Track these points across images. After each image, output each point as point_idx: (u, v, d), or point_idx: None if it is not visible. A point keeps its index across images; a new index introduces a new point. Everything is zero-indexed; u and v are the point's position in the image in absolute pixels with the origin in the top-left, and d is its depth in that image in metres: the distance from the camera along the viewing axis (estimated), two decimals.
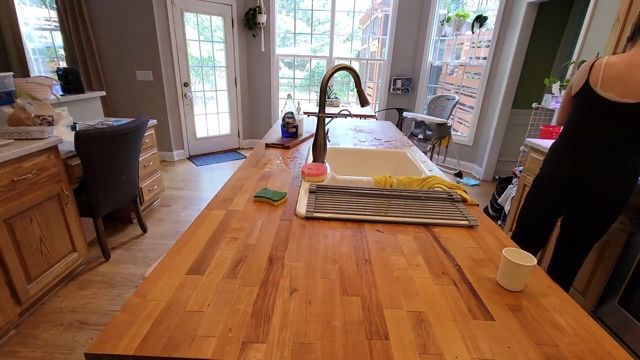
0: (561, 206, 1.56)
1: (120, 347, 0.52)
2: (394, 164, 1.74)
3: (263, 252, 0.79)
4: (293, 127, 1.87)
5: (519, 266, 0.68)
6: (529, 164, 2.31)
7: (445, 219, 0.99)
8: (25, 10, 3.65)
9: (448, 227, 0.97)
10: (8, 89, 2.02)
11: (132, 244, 2.45)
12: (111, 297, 1.91)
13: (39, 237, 1.72)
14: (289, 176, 1.32)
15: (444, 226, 0.97)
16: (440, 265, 0.78)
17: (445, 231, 0.94)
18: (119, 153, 2.10)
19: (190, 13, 4.08)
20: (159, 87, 4.05)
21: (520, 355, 0.55)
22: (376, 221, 0.97)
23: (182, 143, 4.48)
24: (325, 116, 1.29)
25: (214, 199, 1.08)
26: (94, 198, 2.04)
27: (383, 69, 4.80)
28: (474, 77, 4.29)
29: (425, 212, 1.02)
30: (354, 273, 0.73)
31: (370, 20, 7.14)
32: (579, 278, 1.84)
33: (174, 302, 0.62)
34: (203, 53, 4.37)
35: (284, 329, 0.57)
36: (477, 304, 0.66)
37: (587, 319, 0.64)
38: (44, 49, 3.93)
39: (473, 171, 4.36)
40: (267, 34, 4.55)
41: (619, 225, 1.62)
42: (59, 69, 2.61)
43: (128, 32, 3.82)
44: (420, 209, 1.04)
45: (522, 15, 3.37)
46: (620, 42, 1.92)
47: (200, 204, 3.17)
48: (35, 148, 1.64)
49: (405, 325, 0.60)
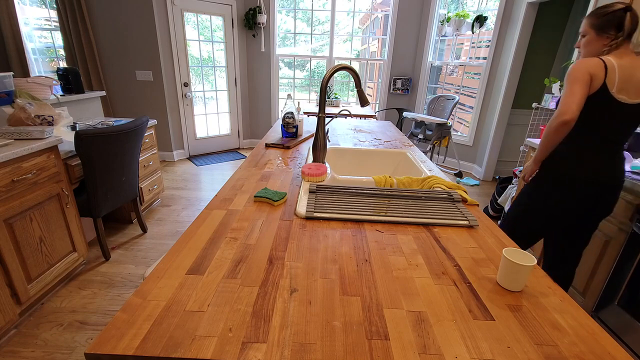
0: (575, 212, 1.45)
1: (120, 347, 0.52)
2: (394, 164, 1.74)
3: (263, 252, 0.79)
4: (293, 127, 1.87)
5: (519, 266, 0.68)
6: None
7: (445, 219, 0.98)
8: (25, 10, 3.66)
9: (448, 227, 0.97)
10: (8, 89, 2.02)
11: (132, 244, 2.45)
12: (111, 297, 1.91)
13: (39, 237, 1.72)
14: (289, 176, 1.32)
15: (444, 226, 0.97)
16: (440, 265, 0.78)
17: (445, 231, 0.94)
18: (119, 153, 2.10)
19: (190, 13, 4.08)
20: (159, 87, 4.05)
21: (520, 355, 0.55)
22: (376, 221, 0.97)
23: (182, 143, 4.48)
24: (325, 116, 1.29)
25: (214, 199, 1.08)
26: (94, 198, 2.04)
27: (383, 69, 4.80)
28: (474, 77, 4.29)
29: (425, 212, 1.02)
30: (354, 273, 0.73)
31: (370, 20, 7.14)
32: (579, 278, 1.84)
33: (174, 302, 0.62)
34: (203, 53, 4.37)
35: (284, 329, 0.57)
36: (477, 304, 0.66)
37: (587, 319, 0.64)
38: (44, 49, 3.93)
39: (473, 171, 4.36)
40: (267, 34, 4.55)
41: (619, 225, 1.62)
42: (59, 69, 2.61)
43: (128, 32, 3.82)
44: (420, 209, 1.04)
45: (522, 15, 3.37)
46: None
47: (200, 204, 3.17)
48: (35, 148, 1.64)
49: (405, 325, 0.60)
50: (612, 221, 1.66)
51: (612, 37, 1.29)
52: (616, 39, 1.28)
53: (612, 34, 1.29)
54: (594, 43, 1.34)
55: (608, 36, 1.30)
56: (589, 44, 1.35)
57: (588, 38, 1.35)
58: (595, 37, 1.32)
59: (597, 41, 1.33)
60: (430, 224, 0.97)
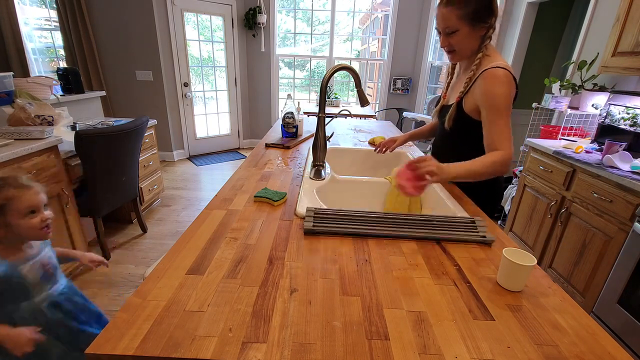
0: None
1: (120, 347, 0.52)
2: (394, 164, 1.74)
3: (263, 252, 0.79)
4: (293, 127, 1.87)
5: (519, 266, 0.68)
6: (529, 164, 2.31)
7: (458, 235, 0.88)
8: (25, 10, 3.66)
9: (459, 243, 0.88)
10: (8, 89, 2.02)
11: (132, 244, 2.45)
12: (111, 297, 1.91)
13: None
14: (289, 176, 1.32)
15: (456, 242, 0.88)
16: (440, 265, 0.78)
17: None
18: (119, 153, 2.10)
19: (190, 13, 4.08)
20: (159, 87, 4.05)
21: (520, 355, 0.55)
22: (382, 237, 0.89)
23: (182, 143, 4.48)
24: (325, 116, 1.29)
25: (214, 199, 1.08)
26: (94, 198, 2.04)
27: (383, 69, 4.79)
28: None
29: (436, 230, 0.90)
30: (354, 273, 0.73)
31: (370, 20, 7.14)
32: (579, 278, 1.84)
33: (174, 302, 0.62)
34: (203, 53, 4.37)
35: (284, 329, 0.57)
36: (477, 304, 0.66)
37: (587, 319, 0.64)
38: (44, 49, 3.93)
39: None
40: (267, 34, 4.54)
41: (619, 225, 1.62)
42: (59, 69, 2.61)
43: (128, 32, 3.81)
44: (431, 228, 0.91)
45: (522, 15, 3.37)
46: (621, 42, 1.92)
47: (200, 204, 3.17)
48: (35, 148, 1.64)
49: (405, 325, 0.59)
50: (612, 221, 1.66)
51: (487, 27, 1.06)
52: (491, 28, 1.06)
53: (487, 23, 1.05)
54: (470, 39, 1.07)
55: (482, 27, 1.06)
56: (464, 41, 1.08)
57: (462, 33, 1.06)
58: (471, 30, 1.05)
59: (473, 35, 1.07)
60: (441, 239, 0.88)
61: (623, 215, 1.60)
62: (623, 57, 1.90)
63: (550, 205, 2.07)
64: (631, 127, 1.96)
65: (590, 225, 1.78)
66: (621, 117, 2.03)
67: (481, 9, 1.03)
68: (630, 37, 1.86)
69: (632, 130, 1.94)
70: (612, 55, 1.97)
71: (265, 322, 0.58)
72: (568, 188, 1.96)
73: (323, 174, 1.29)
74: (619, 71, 1.93)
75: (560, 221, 1.99)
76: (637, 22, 1.82)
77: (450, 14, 1.04)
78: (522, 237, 2.37)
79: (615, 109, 2.08)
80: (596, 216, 1.75)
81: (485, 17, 1.04)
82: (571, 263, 1.90)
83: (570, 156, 1.92)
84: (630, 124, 1.97)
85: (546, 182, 2.14)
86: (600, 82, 2.33)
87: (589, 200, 1.80)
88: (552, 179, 2.08)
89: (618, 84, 2.25)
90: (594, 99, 2.25)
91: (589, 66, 2.25)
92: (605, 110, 2.15)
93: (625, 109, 2.02)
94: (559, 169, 2.01)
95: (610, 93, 2.21)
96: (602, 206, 1.72)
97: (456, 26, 1.05)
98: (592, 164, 1.77)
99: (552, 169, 2.08)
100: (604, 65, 2.03)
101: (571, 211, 1.92)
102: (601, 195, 1.71)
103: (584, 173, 1.84)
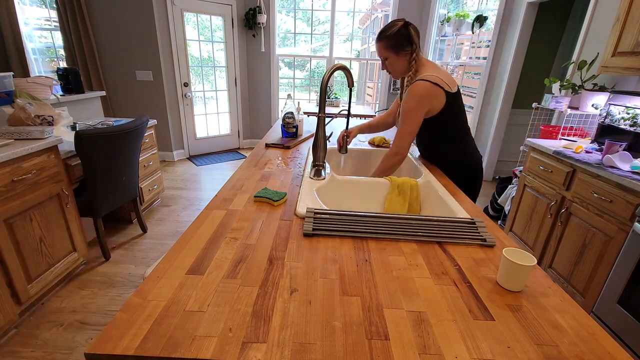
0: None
1: (120, 347, 0.52)
2: None
3: (263, 252, 0.79)
4: (293, 127, 1.87)
5: (519, 266, 0.68)
6: (529, 164, 2.31)
7: (458, 237, 0.88)
8: (25, 10, 3.65)
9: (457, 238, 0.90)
10: (8, 89, 2.02)
11: (132, 244, 2.45)
12: (111, 297, 1.91)
13: (39, 237, 1.72)
14: (289, 176, 1.32)
15: (457, 245, 0.87)
16: (441, 266, 0.78)
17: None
18: (119, 153, 2.10)
19: (190, 13, 4.07)
20: (159, 87, 4.05)
21: (520, 355, 0.55)
22: (381, 238, 0.89)
23: (182, 143, 4.48)
24: (325, 116, 1.29)
25: (214, 199, 1.08)
26: (94, 198, 2.04)
27: None
28: (473, 77, 4.29)
29: (436, 231, 0.91)
30: (354, 273, 0.73)
31: (370, 20, 7.14)
32: (579, 278, 1.84)
33: (174, 302, 0.62)
34: (203, 53, 4.37)
35: (284, 329, 0.57)
36: (477, 304, 0.66)
37: (587, 319, 0.64)
38: (44, 49, 3.93)
39: None
40: (267, 34, 4.54)
41: (619, 225, 1.62)
42: (59, 69, 2.61)
43: (128, 32, 3.81)
44: (431, 229, 0.92)
45: (522, 15, 3.37)
46: (621, 42, 1.92)
47: (200, 204, 3.17)
48: (35, 148, 1.64)
49: (405, 325, 0.59)
50: (612, 221, 1.66)
51: (410, 52, 1.38)
52: (414, 52, 1.38)
53: (409, 49, 1.38)
54: (398, 62, 1.41)
55: (406, 52, 1.38)
56: (394, 64, 1.42)
57: (391, 60, 1.40)
58: (396, 57, 1.39)
59: (400, 60, 1.40)
60: (442, 242, 0.88)
61: (623, 215, 1.60)
62: (623, 57, 1.90)
63: (550, 205, 2.07)
64: (631, 127, 1.96)
65: (590, 225, 1.78)
66: (621, 117, 2.03)
67: (401, 40, 1.36)
68: (630, 37, 1.86)
69: (632, 130, 1.94)
70: (612, 55, 1.97)
71: (265, 322, 0.58)
72: (568, 188, 1.96)
73: (323, 174, 1.29)
74: (619, 71, 1.93)
75: (560, 221, 1.99)
76: (637, 22, 1.82)
77: (380, 47, 1.40)
78: (522, 237, 2.37)
79: (615, 109, 2.08)
80: (596, 216, 1.75)
81: (405, 46, 1.37)
82: (571, 263, 1.90)
83: (570, 156, 1.92)
84: (630, 124, 1.97)
85: (546, 182, 2.14)
86: (600, 82, 2.33)
87: (589, 200, 1.80)
88: (552, 179, 2.08)
89: (618, 84, 2.25)
90: (594, 99, 2.25)
91: (589, 66, 2.25)
92: (605, 110, 2.15)
93: (625, 109, 2.02)
94: (559, 169, 2.01)
95: (610, 93, 2.21)
96: (602, 206, 1.72)
97: (386, 55, 1.40)
98: (592, 164, 1.77)
99: (552, 169, 2.08)
100: (604, 65, 2.03)
101: (571, 211, 1.92)
102: (601, 195, 1.71)
103: (584, 173, 1.84)
